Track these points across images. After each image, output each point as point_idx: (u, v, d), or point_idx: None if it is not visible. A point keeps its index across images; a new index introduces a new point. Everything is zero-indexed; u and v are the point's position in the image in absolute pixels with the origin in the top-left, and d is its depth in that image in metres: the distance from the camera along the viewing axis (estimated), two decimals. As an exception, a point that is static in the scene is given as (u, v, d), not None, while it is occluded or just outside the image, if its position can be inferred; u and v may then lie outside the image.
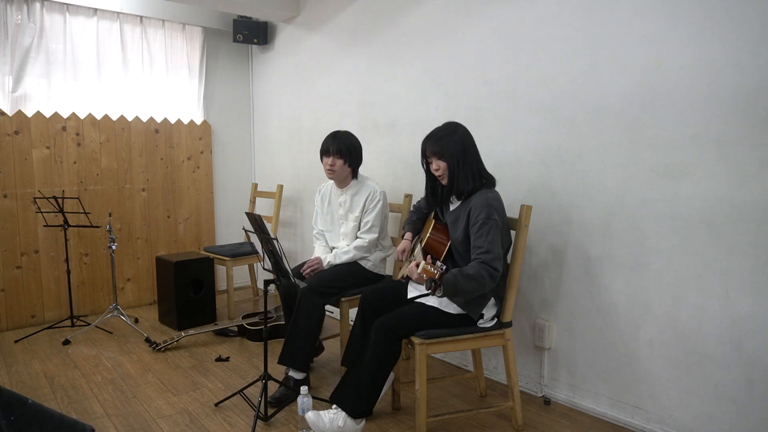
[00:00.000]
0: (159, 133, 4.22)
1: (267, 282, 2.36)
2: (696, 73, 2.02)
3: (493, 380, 2.82)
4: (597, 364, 2.42)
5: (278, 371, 2.75)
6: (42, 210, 3.61)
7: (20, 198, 3.65)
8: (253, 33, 4.34)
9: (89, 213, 3.80)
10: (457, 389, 2.74)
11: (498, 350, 2.79)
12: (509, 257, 2.28)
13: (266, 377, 2.37)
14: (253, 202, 4.40)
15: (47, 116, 3.71)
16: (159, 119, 4.22)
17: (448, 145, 2.18)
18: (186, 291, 3.66)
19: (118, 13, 3.96)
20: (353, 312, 2.53)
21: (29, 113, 3.66)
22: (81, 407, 2.53)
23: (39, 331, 3.57)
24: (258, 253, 3.24)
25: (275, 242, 2.30)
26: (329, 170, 2.79)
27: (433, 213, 2.46)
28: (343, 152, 2.76)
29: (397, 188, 3.34)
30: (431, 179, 2.34)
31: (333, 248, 2.93)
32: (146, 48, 4.13)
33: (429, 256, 2.07)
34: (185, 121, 4.36)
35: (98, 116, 3.93)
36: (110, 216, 3.81)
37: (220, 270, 4.40)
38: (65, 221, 3.50)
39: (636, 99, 2.20)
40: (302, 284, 2.56)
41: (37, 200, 3.63)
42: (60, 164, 3.79)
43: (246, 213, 2.51)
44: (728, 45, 1.93)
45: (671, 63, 2.08)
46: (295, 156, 4.28)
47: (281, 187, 4.09)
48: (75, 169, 3.86)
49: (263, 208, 4.49)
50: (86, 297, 3.97)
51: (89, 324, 3.63)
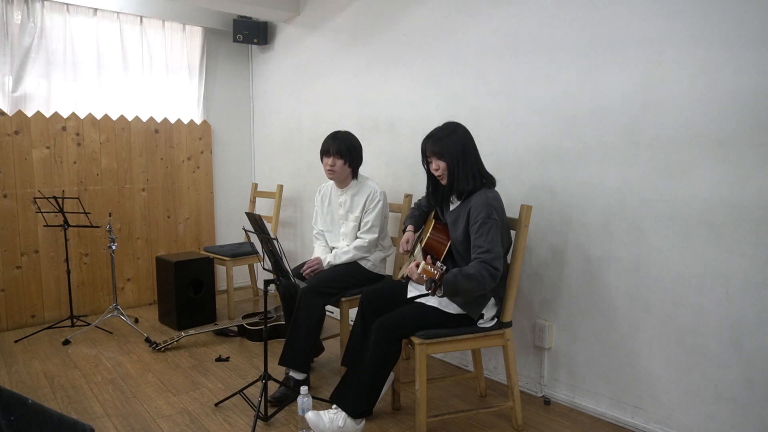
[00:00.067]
0: (159, 133, 4.22)
1: (267, 282, 2.36)
2: (696, 73, 2.02)
3: (493, 380, 2.83)
4: (597, 364, 2.42)
5: (278, 371, 2.75)
6: (42, 210, 3.61)
7: (20, 198, 3.65)
8: (253, 33, 4.34)
9: (89, 213, 3.80)
10: (457, 389, 2.74)
11: (498, 350, 2.79)
12: (509, 257, 2.28)
13: (266, 377, 2.37)
14: (253, 202, 4.40)
15: (47, 116, 3.72)
16: (159, 119, 4.22)
17: (448, 145, 2.18)
18: (186, 291, 3.66)
19: (118, 13, 3.96)
20: (353, 312, 2.53)
21: (29, 113, 3.66)
22: (81, 407, 2.54)
23: (39, 331, 3.57)
24: (258, 253, 3.24)
25: (275, 242, 2.30)
26: (329, 170, 2.80)
27: (433, 213, 2.46)
28: (344, 152, 2.76)
29: (397, 188, 3.34)
30: (432, 179, 2.34)
31: (333, 248, 2.93)
32: (146, 48, 4.13)
33: (429, 257, 2.07)
34: (185, 121, 4.36)
35: (98, 116, 3.93)
36: (110, 216, 3.81)
37: (220, 270, 4.40)
38: (65, 221, 3.50)
39: (636, 99, 2.20)
40: (302, 284, 2.56)
41: (37, 200, 3.63)
42: (60, 164, 3.80)
43: (246, 213, 2.51)
44: (728, 45, 1.93)
45: (671, 63, 2.08)
46: (295, 156, 4.28)
47: (281, 187, 4.09)
48: (75, 169, 3.86)
49: (263, 208, 4.49)
50: (86, 297, 3.97)
51: (89, 324, 3.63)
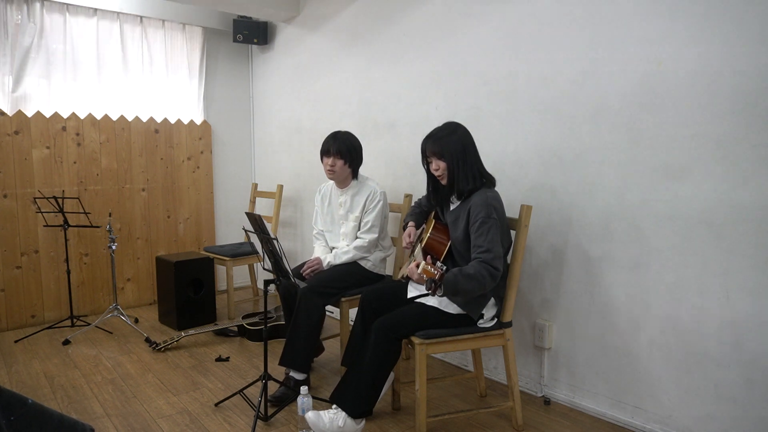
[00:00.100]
0: (159, 133, 4.22)
1: (267, 282, 2.36)
2: (696, 73, 2.02)
3: (493, 380, 2.83)
4: (597, 364, 2.42)
5: (278, 371, 2.75)
6: (42, 210, 3.61)
7: (20, 198, 3.65)
8: (253, 33, 4.34)
9: (89, 213, 3.80)
10: (457, 389, 2.74)
11: (498, 350, 2.79)
12: (509, 257, 2.28)
13: (266, 377, 2.37)
14: (253, 202, 4.40)
15: (47, 116, 3.72)
16: (159, 119, 4.22)
17: (448, 145, 2.18)
18: (186, 291, 3.66)
19: (118, 13, 3.96)
20: (353, 312, 2.53)
21: (29, 113, 3.66)
22: (81, 407, 2.54)
23: (39, 331, 3.57)
24: (258, 253, 3.23)
25: (275, 242, 2.30)
26: (329, 170, 2.79)
27: (434, 213, 2.46)
28: (344, 153, 2.76)
29: (397, 188, 3.34)
30: (432, 179, 2.34)
31: (333, 248, 2.93)
32: (146, 48, 4.13)
33: (429, 257, 2.07)
34: (185, 121, 4.36)
35: (98, 116, 3.93)
36: (110, 216, 3.81)
37: (220, 270, 4.40)
38: (65, 221, 3.50)
39: (636, 99, 2.20)
40: (302, 284, 2.56)
41: (37, 200, 3.63)
42: (60, 164, 3.80)
43: (246, 213, 2.51)
44: (728, 45, 1.93)
45: (671, 63, 2.08)
46: (295, 156, 4.28)
47: (281, 187, 4.09)
48: (75, 169, 3.86)
49: (263, 208, 4.49)
50: (86, 297, 3.97)
51: (89, 324, 3.63)
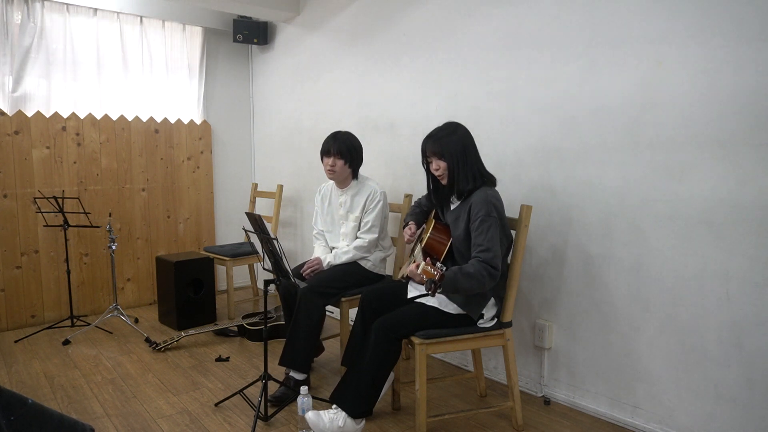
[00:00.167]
0: (159, 133, 4.22)
1: (267, 282, 2.36)
2: (696, 73, 2.02)
3: (493, 380, 2.82)
4: (597, 364, 2.42)
5: (278, 371, 2.75)
6: (42, 210, 3.61)
7: (20, 198, 3.65)
8: (253, 33, 4.34)
9: (89, 213, 3.80)
10: (457, 389, 2.74)
11: (498, 350, 2.79)
12: (509, 257, 2.28)
13: (266, 377, 2.37)
14: (253, 202, 4.40)
15: (47, 116, 3.71)
16: (159, 119, 4.22)
17: (448, 145, 2.18)
18: (186, 291, 3.66)
19: (118, 13, 3.96)
20: (353, 312, 2.53)
21: (29, 113, 3.66)
22: (81, 407, 2.54)
23: (39, 331, 3.57)
24: (258, 253, 3.24)
25: (275, 242, 2.30)
26: (330, 170, 2.79)
27: (434, 212, 2.46)
28: (344, 153, 2.76)
29: (397, 188, 3.34)
30: (432, 179, 2.34)
31: (333, 248, 2.93)
32: (146, 48, 4.13)
33: (428, 258, 2.07)
34: (185, 121, 4.36)
35: (98, 116, 3.93)
36: (110, 216, 3.81)
37: (220, 270, 4.40)
38: (65, 221, 3.50)
39: (636, 99, 2.20)
40: (302, 284, 2.56)
41: (37, 200, 3.63)
42: (60, 164, 3.79)
43: (246, 213, 2.51)
44: (728, 45, 1.93)
45: (671, 63, 2.08)
46: (295, 156, 4.28)
47: (281, 187, 4.09)
48: (75, 169, 3.86)
49: (263, 208, 4.49)
50: (86, 297, 3.97)
51: (89, 324, 3.63)
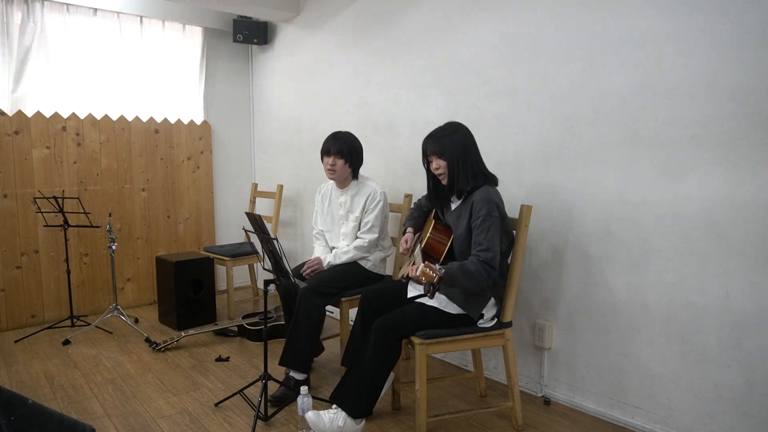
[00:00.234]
0: (159, 133, 4.22)
1: (267, 282, 2.36)
2: (696, 73, 2.02)
3: (493, 380, 2.82)
4: (597, 364, 2.42)
5: (278, 371, 2.75)
6: (42, 210, 3.61)
7: (20, 198, 3.65)
8: (253, 33, 4.34)
9: (89, 213, 3.80)
10: (457, 389, 2.74)
11: (498, 350, 2.79)
12: (510, 257, 2.28)
13: (266, 377, 2.37)
14: (253, 202, 4.40)
15: (47, 116, 3.71)
16: (159, 119, 4.22)
17: (449, 145, 2.19)
18: (186, 291, 3.66)
19: (118, 13, 3.96)
20: (353, 312, 2.53)
21: (29, 113, 3.66)
22: (81, 407, 2.54)
23: (39, 331, 3.57)
24: (258, 253, 3.23)
25: (275, 242, 2.30)
26: (330, 170, 2.79)
27: (433, 213, 2.46)
28: (344, 152, 2.76)
29: (397, 188, 3.34)
30: (432, 179, 2.34)
31: (333, 248, 2.93)
32: (146, 48, 4.13)
33: (427, 261, 2.07)
34: (185, 121, 4.36)
35: (98, 116, 3.93)
36: (110, 216, 3.81)
37: (220, 270, 4.40)
38: (65, 221, 3.50)
39: (636, 99, 2.20)
40: (302, 284, 2.56)
41: (37, 200, 3.63)
42: (60, 164, 3.79)
43: (246, 213, 2.51)
44: (728, 45, 1.93)
45: (671, 63, 2.08)
46: (295, 156, 4.28)
47: (281, 187, 4.09)
48: (75, 169, 3.86)
49: (263, 208, 4.49)
50: (86, 297, 3.97)
51: (89, 324, 3.63)
